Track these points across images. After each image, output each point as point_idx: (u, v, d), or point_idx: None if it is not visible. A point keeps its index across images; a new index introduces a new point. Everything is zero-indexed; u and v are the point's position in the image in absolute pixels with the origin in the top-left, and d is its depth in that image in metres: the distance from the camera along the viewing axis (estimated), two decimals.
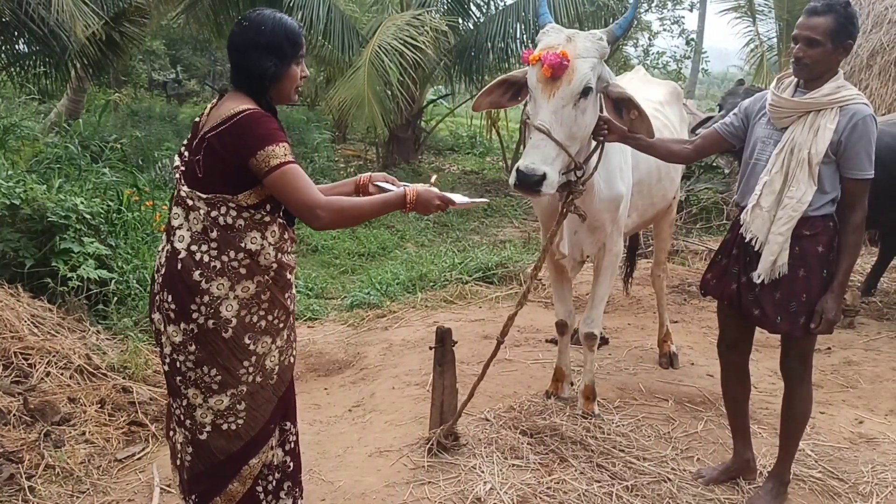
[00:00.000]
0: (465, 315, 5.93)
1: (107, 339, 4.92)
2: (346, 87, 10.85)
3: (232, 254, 2.43)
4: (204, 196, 2.41)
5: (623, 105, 3.26)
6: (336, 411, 4.21)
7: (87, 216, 5.38)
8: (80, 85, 12.55)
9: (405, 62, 10.88)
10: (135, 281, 5.48)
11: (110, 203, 6.22)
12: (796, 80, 3.01)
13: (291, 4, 10.93)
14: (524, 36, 12.52)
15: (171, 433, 2.73)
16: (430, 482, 3.34)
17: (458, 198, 2.95)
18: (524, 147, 3.17)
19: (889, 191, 5.72)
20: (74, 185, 6.49)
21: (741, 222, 3.09)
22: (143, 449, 3.85)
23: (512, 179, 3.05)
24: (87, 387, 4.21)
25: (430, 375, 4.13)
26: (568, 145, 3.07)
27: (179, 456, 2.66)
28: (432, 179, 2.92)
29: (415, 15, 11.51)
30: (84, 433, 3.83)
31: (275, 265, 2.51)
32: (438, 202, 2.65)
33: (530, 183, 2.97)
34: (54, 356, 4.30)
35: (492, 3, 14.05)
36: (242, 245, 2.44)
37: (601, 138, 3.30)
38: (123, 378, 4.40)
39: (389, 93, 11.03)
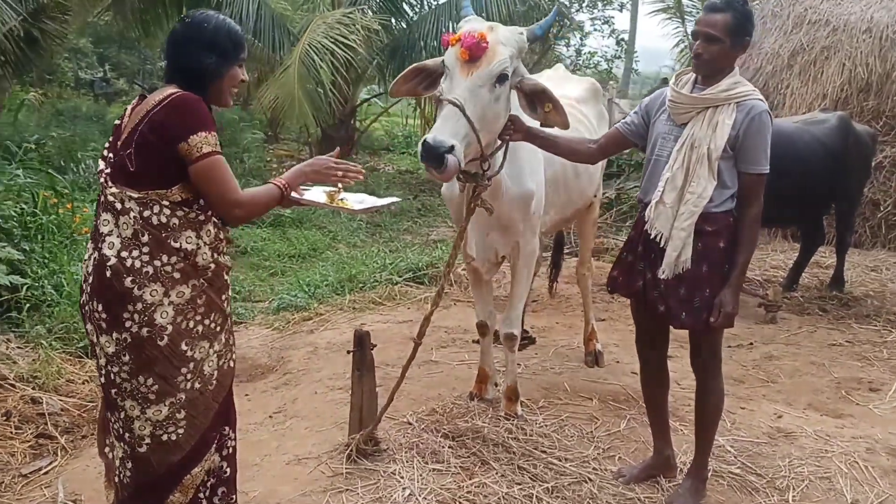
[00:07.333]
0: (393, 316, 5.86)
1: (18, 347, 4.73)
2: (276, 85, 10.66)
3: (165, 258, 2.39)
4: (136, 195, 2.36)
5: (537, 98, 3.23)
6: (256, 418, 4.10)
7: None
8: None
9: (337, 61, 10.73)
10: (50, 287, 5.26)
11: (24, 206, 5.98)
12: (695, 76, 3.05)
13: (220, 1, 10.70)
14: None
15: (108, 449, 2.65)
16: (347, 489, 3.27)
17: (368, 200, 2.90)
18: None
19: (807, 188, 5.88)
20: None
21: (645, 219, 3.10)
22: (51, 463, 3.70)
23: (419, 153, 2.91)
24: None
25: None
26: (479, 128, 2.99)
27: (118, 472, 2.57)
28: (335, 151, 2.82)
29: (345, 13, 11.35)
30: None
31: (212, 266, 2.49)
32: (333, 167, 2.68)
33: (437, 154, 2.83)
34: None
35: (424, 1, 14.01)
36: (177, 246, 2.39)
37: (507, 137, 3.27)
38: (33, 388, 4.22)
39: (321, 92, 10.87)
